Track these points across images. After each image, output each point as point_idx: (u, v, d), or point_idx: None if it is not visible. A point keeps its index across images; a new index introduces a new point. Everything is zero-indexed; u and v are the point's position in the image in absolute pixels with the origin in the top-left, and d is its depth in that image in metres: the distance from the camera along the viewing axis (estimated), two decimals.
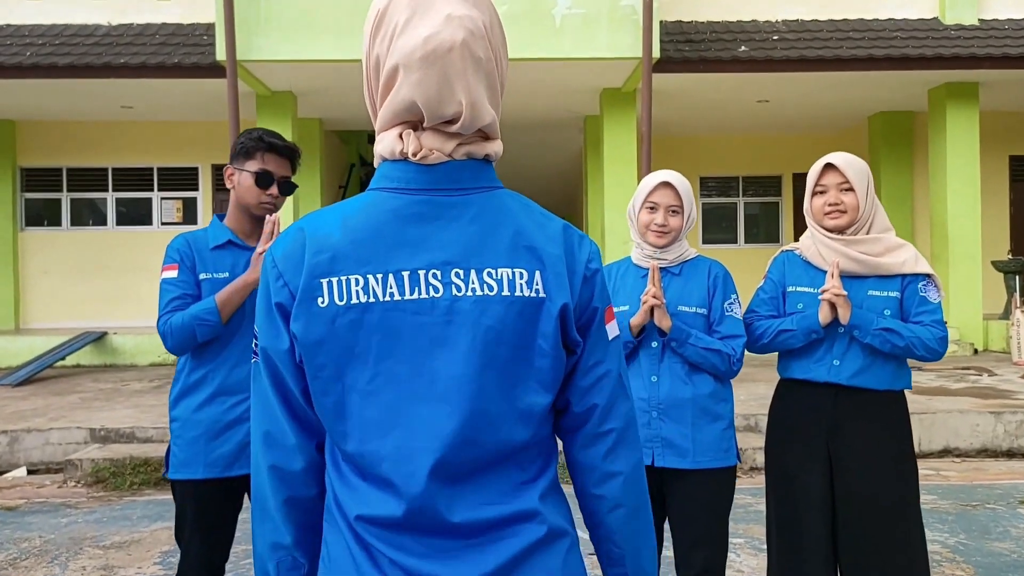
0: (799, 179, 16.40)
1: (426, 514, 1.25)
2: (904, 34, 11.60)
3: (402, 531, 1.26)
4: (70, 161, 14.29)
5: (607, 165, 12.19)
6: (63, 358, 11.21)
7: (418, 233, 1.28)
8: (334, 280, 1.26)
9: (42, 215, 14.40)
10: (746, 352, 2.83)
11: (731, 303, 2.83)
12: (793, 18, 12.05)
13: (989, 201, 13.66)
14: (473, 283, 1.27)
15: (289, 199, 12.52)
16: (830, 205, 2.77)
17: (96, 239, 14.29)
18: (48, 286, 14.11)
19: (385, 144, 1.33)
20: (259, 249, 2.67)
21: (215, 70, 10.57)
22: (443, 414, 1.25)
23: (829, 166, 2.79)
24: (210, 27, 11.12)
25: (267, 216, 2.71)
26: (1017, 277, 12.29)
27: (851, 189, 2.76)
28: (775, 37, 11.51)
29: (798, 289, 2.84)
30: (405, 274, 1.27)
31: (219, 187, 14.24)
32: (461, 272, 1.27)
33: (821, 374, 2.79)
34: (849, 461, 2.76)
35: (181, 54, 10.94)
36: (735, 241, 15.88)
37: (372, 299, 1.26)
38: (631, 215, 2.88)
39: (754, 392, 7.90)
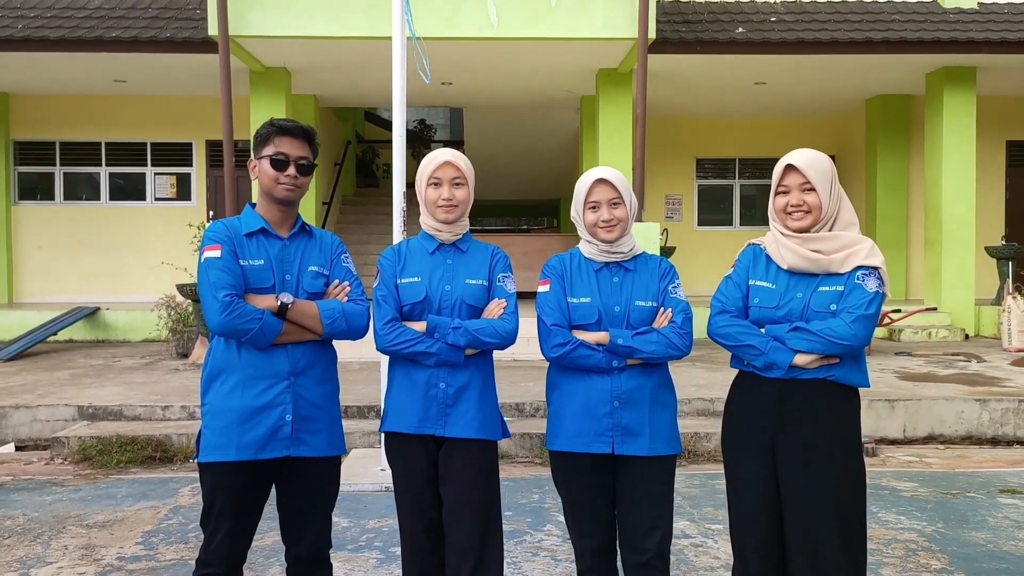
0: None
1: None
2: (903, 17, 11.53)
3: None
4: (63, 135, 14.24)
5: (603, 146, 12.15)
6: (55, 333, 11.21)
7: None
8: None
9: (35, 189, 14.36)
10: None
11: (675, 286, 2.94)
12: (791, 0, 11.96)
13: (985, 186, 13.64)
14: None
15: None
16: (792, 206, 2.78)
17: (89, 214, 14.26)
18: (41, 260, 14.09)
19: None
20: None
21: (208, 45, 10.50)
22: None
23: (790, 167, 2.79)
24: (203, 1, 11.02)
25: (336, 281, 2.87)
26: (1010, 263, 12.29)
27: (813, 189, 2.76)
28: (773, 19, 11.44)
29: (758, 283, 2.85)
30: None
31: (214, 163, 14.19)
32: None
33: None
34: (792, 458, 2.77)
35: (173, 28, 10.86)
36: (730, 223, 15.86)
37: None
38: (576, 218, 2.96)
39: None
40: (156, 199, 14.41)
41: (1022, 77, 12.69)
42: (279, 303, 2.71)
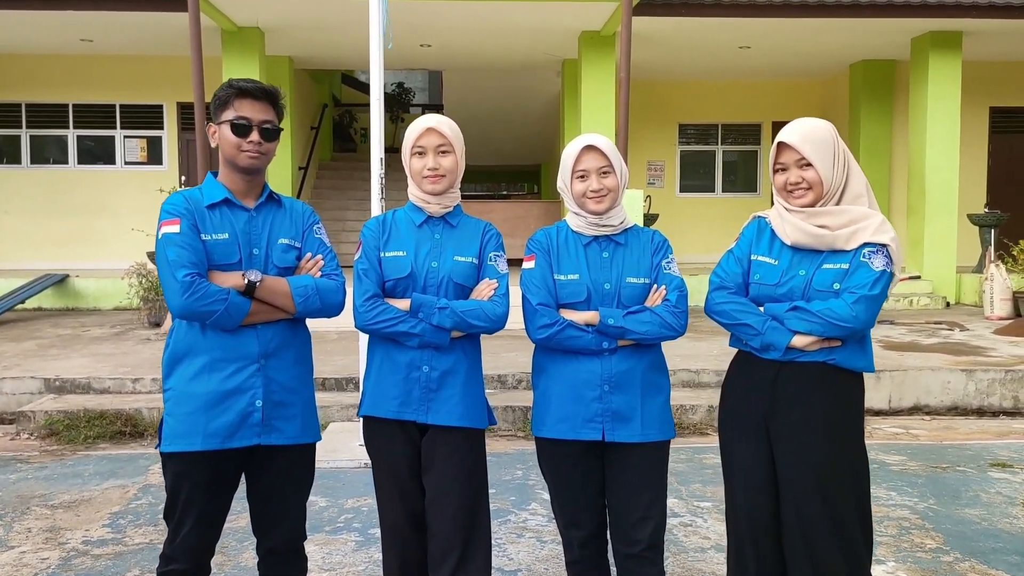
0: (778, 127, 16.08)
1: None
2: None
3: None
4: (29, 96, 13.79)
5: (585, 110, 11.92)
6: (23, 301, 10.90)
7: None
8: None
9: (1, 152, 13.91)
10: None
11: (669, 262, 2.76)
12: None
13: (968, 153, 13.56)
14: None
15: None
16: (792, 184, 2.59)
17: (57, 178, 13.86)
18: (8, 226, 13.70)
19: None
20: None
21: (176, 3, 10.11)
22: None
23: (783, 144, 2.59)
24: None
25: (307, 255, 2.63)
26: (993, 231, 12.23)
27: (811, 165, 2.56)
28: None
29: (760, 259, 2.67)
30: None
31: (185, 126, 13.81)
32: None
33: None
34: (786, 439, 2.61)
35: None
36: (712, 190, 15.71)
37: None
38: (563, 188, 2.75)
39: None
40: (126, 163, 14.02)
41: (1008, 42, 12.56)
42: (246, 281, 2.48)
